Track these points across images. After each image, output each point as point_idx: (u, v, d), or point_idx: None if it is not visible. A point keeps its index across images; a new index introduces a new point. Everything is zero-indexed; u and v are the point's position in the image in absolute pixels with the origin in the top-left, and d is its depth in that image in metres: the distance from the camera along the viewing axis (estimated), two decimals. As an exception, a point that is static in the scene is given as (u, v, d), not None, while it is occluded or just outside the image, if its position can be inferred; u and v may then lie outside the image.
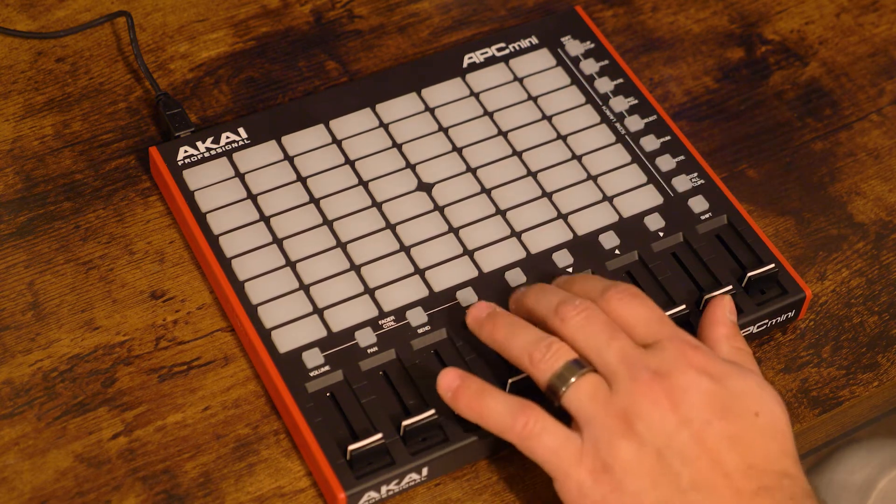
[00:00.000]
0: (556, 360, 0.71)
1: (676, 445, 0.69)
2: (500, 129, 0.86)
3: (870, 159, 0.90)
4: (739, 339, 0.76)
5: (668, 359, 0.71)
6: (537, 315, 0.74)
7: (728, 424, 0.70)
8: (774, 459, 0.70)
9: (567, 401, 0.71)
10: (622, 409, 0.70)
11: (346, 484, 0.72)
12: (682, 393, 0.70)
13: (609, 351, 0.71)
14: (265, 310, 0.78)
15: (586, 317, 0.72)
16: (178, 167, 0.83)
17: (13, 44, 0.90)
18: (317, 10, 0.94)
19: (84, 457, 0.75)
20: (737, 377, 0.72)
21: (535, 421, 0.71)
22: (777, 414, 0.71)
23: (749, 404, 0.71)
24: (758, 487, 0.69)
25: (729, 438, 0.70)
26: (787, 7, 0.96)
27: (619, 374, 0.71)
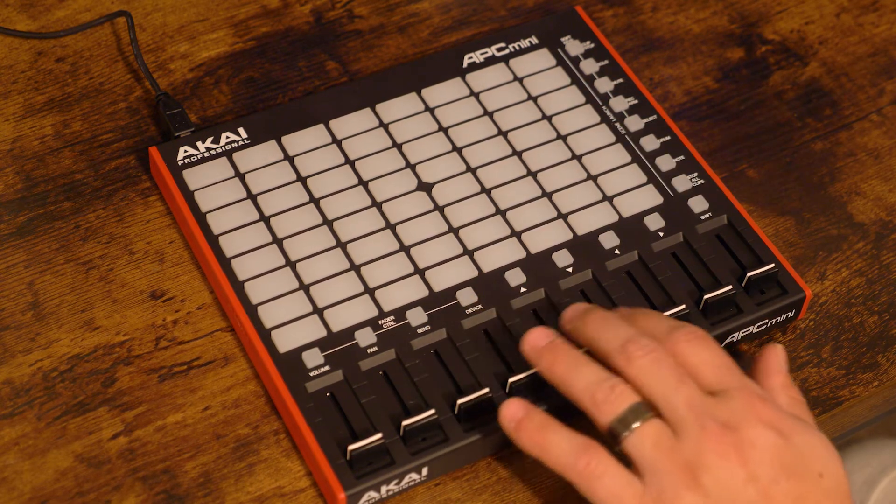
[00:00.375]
0: (620, 403, 0.69)
1: (741, 500, 0.68)
2: (500, 129, 0.86)
3: (870, 159, 0.90)
4: (795, 390, 0.75)
5: (736, 410, 0.69)
6: (600, 348, 0.72)
7: (795, 485, 0.69)
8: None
9: (629, 446, 0.69)
10: (688, 460, 0.68)
11: (346, 484, 0.72)
12: (751, 448, 0.68)
13: (677, 397, 0.69)
14: (265, 310, 0.78)
15: (654, 359, 0.70)
16: (178, 167, 0.83)
17: (13, 44, 0.90)
18: (317, 10, 0.94)
19: (84, 457, 0.75)
20: (803, 434, 0.70)
21: (598, 462, 0.69)
22: (840, 477, 0.70)
23: (814, 465, 0.70)
24: None
25: (794, 499, 0.68)
26: (787, 7, 0.96)
27: (686, 423, 0.69)
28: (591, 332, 0.73)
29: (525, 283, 0.79)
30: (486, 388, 0.75)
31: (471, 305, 0.78)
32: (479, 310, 0.78)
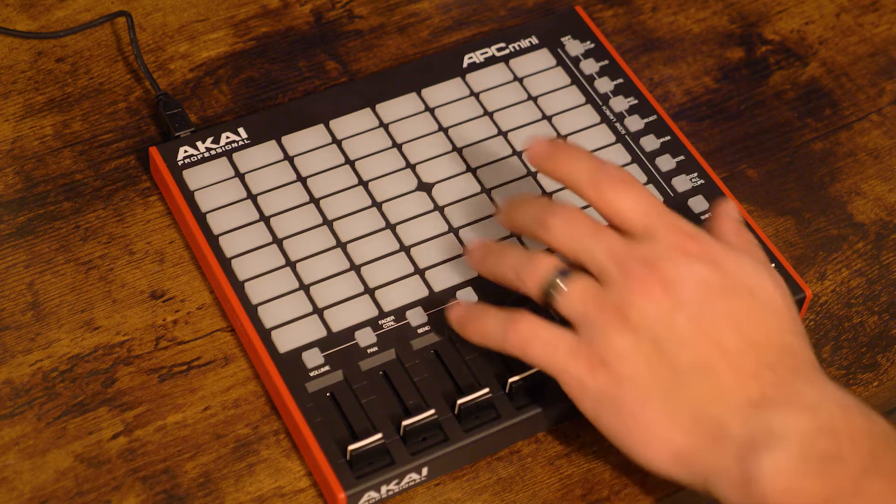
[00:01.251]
0: (544, 271, 0.72)
1: (673, 330, 0.69)
2: (500, 129, 0.86)
3: (870, 159, 0.90)
4: (747, 233, 0.76)
5: (659, 249, 0.71)
6: (525, 228, 0.75)
7: (725, 304, 0.70)
8: (774, 336, 0.70)
9: (561, 307, 0.71)
10: (615, 304, 0.70)
11: (346, 484, 0.72)
12: (676, 280, 0.70)
13: (597, 249, 0.71)
14: (265, 310, 0.78)
15: (568, 219, 0.72)
16: (178, 167, 0.83)
17: (13, 44, 0.90)
18: (317, 10, 0.94)
19: (84, 457, 0.75)
20: (731, 259, 0.71)
21: (527, 326, 0.71)
22: (773, 292, 0.71)
23: (745, 283, 0.71)
24: (759, 364, 0.69)
25: (727, 318, 0.69)
26: (787, 7, 0.96)
27: (609, 271, 0.71)
28: (514, 213, 0.75)
29: None
30: (486, 388, 0.75)
31: (471, 305, 0.79)
32: (479, 310, 0.78)
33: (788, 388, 0.68)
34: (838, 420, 0.67)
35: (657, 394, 0.69)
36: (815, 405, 0.68)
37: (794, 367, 0.69)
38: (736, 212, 0.76)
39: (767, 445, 0.67)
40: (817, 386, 0.69)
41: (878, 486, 0.65)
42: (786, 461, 0.66)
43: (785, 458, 0.66)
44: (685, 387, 0.69)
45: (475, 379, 0.76)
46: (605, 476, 0.76)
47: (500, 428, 0.75)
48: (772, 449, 0.67)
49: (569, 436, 0.77)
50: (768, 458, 0.66)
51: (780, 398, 0.68)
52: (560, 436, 0.77)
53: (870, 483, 0.66)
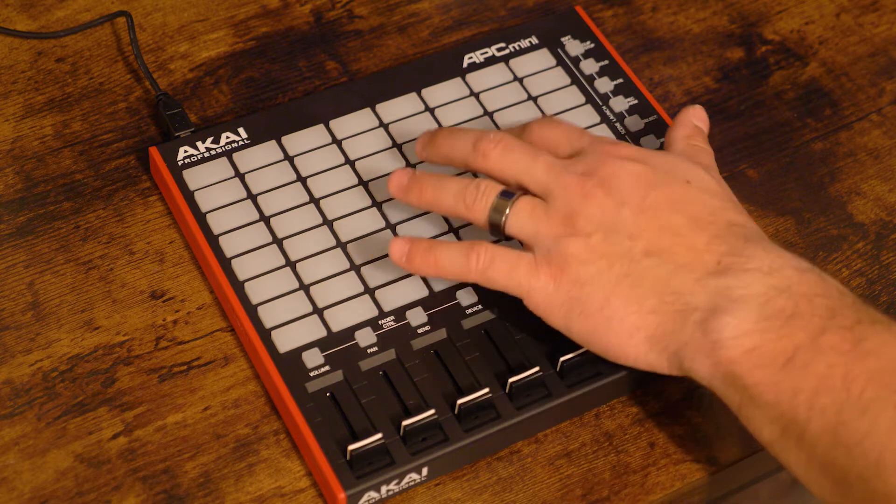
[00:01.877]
0: (489, 197, 0.74)
1: (620, 224, 0.72)
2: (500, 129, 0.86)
3: (870, 159, 0.90)
4: (699, 138, 0.79)
5: (591, 159, 0.75)
6: (457, 160, 0.77)
7: (664, 192, 0.73)
8: (718, 212, 0.73)
9: (510, 229, 0.74)
10: (561, 215, 0.73)
11: (346, 484, 0.72)
12: (612, 180, 0.73)
13: (535, 169, 0.74)
14: (265, 310, 0.78)
15: (505, 146, 0.75)
16: (178, 167, 0.83)
17: (13, 44, 0.90)
18: (317, 10, 0.94)
19: (84, 457, 0.75)
20: (660, 157, 0.75)
21: (485, 252, 0.74)
22: (707, 179, 0.75)
23: (678, 174, 0.74)
24: (709, 237, 0.72)
25: (668, 203, 0.73)
26: (787, 7, 0.96)
27: (550, 186, 0.74)
28: (443, 149, 0.78)
29: None
30: (486, 388, 0.75)
31: (471, 305, 0.78)
32: (479, 310, 0.78)
33: (742, 255, 0.72)
34: (794, 281, 0.70)
35: (620, 285, 0.72)
36: (770, 268, 0.71)
37: (743, 237, 0.73)
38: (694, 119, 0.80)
39: (727, 309, 0.70)
40: (772, 252, 0.72)
41: (835, 339, 0.68)
42: (746, 321, 0.69)
43: (745, 318, 0.69)
44: (644, 272, 0.72)
45: (475, 379, 0.76)
46: (605, 476, 0.76)
47: (500, 428, 0.75)
48: (732, 311, 0.70)
49: (569, 436, 0.77)
50: (730, 320, 0.69)
51: (736, 265, 0.71)
52: (560, 436, 0.77)
53: (828, 337, 0.68)
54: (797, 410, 0.67)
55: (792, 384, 0.68)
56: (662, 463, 0.77)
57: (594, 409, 0.78)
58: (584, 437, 0.77)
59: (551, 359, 0.77)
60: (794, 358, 0.68)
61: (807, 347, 0.68)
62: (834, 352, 0.68)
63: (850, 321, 0.69)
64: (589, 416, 0.78)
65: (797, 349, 0.68)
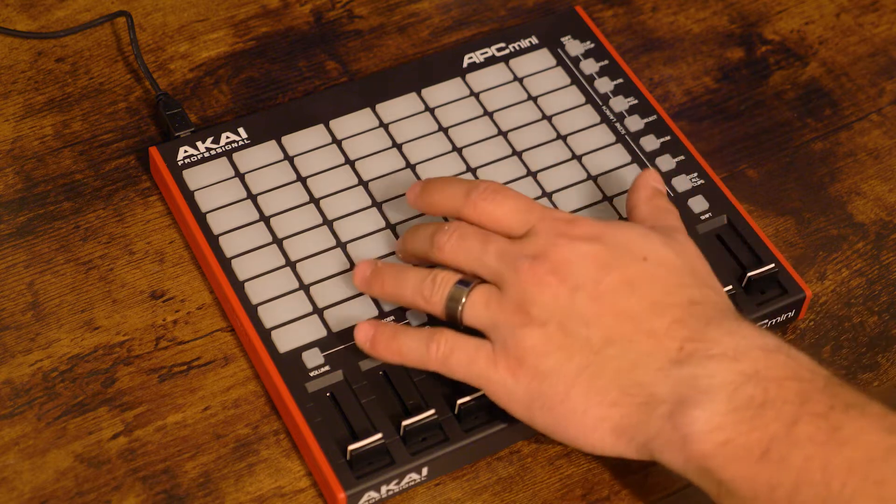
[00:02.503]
0: (445, 287, 0.74)
1: (576, 311, 0.71)
2: (500, 129, 0.86)
3: (870, 159, 0.90)
4: (661, 198, 0.77)
5: (542, 241, 0.73)
6: (419, 255, 0.77)
7: (620, 274, 0.71)
8: (675, 292, 0.71)
9: (467, 319, 0.73)
10: (516, 304, 0.72)
11: (346, 484, 0.72)
12: (565, 265, 0.71)
13: (486, 257, 0.73)
14: (265, 310, 0.78)
15: (459, 235, 0.74)
16: (178, 167, 0.83)
17: (13, 44, 0.90)
18: (317, 10, 0.94)
19: (84, 457, 0.75)
20: (615, 232, 0.73)
21: (445, 342, 0.73)
22: (665, 253, 0.72)
23: (635, 251, 0.72)
24: (670, 322, 0.70)
25: (625, 286, 0.71)
26: (787, 7, 0.96)
27: (502, 273, 0.72)
28: (408, 246, 0.78)
29: None
30: (486, 388, 0.75)
31: (471, 305, 0.78)
32: (479, 310, 0.78)
33: (704, 340, 0.69)
34: (762, 365, 0.68)
35: (580, 377, 0.70)
36: (735, 353, 0.69)
37: (705, 318, 0.70)
38: (651, 181, 0.78)
39: (695, 401, 0.68)
40: (735, 332, 0.70)
41: (810, 429, 0.66)
42: (716, 414, 0.67)
43: (714, 410, 0.67)
44: (604, 362, 0.70)
45: (475, 379, 0.76)
46: (605, 476, 0.76)
47: (500, 428, 0.75)
48: (700, 403, 0.67)
49: (569, 436, 0.77)
50: (699, 414, 0.67)
51: (699, 351, 0.69)
52: (560, 436, 0.77)
53: (803, 427, 0.66)
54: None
55: (769, 479, 0.66)
56: (662, 463, 0.77)
57: (594, 409, 0.78)
58: (584, 437, 0.77)
59: (551, 359, 0.77)
60: (769, 451, 0.66)
61: (781, 439, 0.66)
62: (810, 443, 0.65)
63: (824, 407, 0.66)
64: (589, 416, 0.78)
65: (772, 441, 0.66)
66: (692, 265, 0.73)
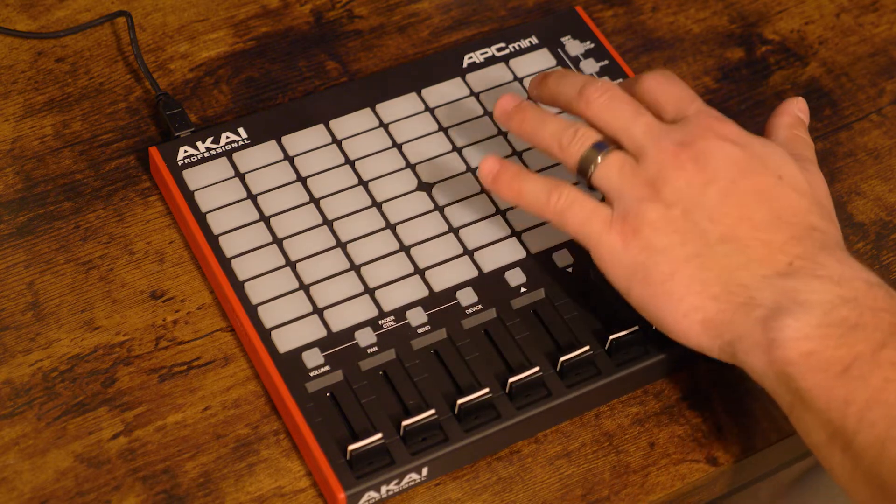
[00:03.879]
0: (584, 143, 0.74)
1: (703, 203, 0.72)
2: (500, 129, 0.86)
3: (870, 159, 0.90)
4: (802, 129, 0.78)
5: (692, 130, 0.73)
6: (561, 100, 0.77)
7: (754, 181, 0.72)
8: (803, 214, 0.73)
9: (597, 179, 0.74)
10: (649, 179, 0.72)
11: (346, 484, 0.72)
12: (707, 157, 0.72)
13: (635, 127, 0.74)
14: (265, 310, 0.78)
15: (610, 97, 0.75)
16: (178, 167, 0.83)
17: (13, 44, 0.90)
18: (317, 10, 0.94)
19: (84, 457, 0.75)
20: (761, 144, 0.74)
21: (567, 196, 0.74)
22: (800, 177, 0.74)
23: (773, 167, 0.73)
24: (787, 237, 0.71)
25: (755, 193, 0.72)
26: (787, 7, 0.96)
27: (645, 148, 0.73)
28: (552, 87, 0.78)
29: (525, 284, 0.79)
30: (486, 388, 0.75)
31: (471, 305, 0.78)
32: (479, 310, 0.78)
33: (815, 261, 0.71)
34: (862, 294, 0.69)
35: (689, 263, 0.71)
36: (840, 278, 0.70)
37: (822, 243, 0.72)
38: (797, 110, 0.79)
39: (791, 311, 0.69)
40: (845, 263, 0.71)
41: (895, 356, 0.67)
42: (808, 325, 0.68)
43: (807, 322, 0.68)
44: (716, 257, 0.71)
45: (475, 379, 0.76)
46: (605, 476, 0.76)
47: (500, 428, 0.75)
48: (795, 313, 0.69)
49: (569, 436, 0.77)
50: (791, 322, 0.69)
51: (807, 269, 0.70)
52: (560, 436, 0.77)
53: (888, 353, 0.67)
54: (847, 420, 0.67)
55: (845, 393, 0.67)
56: (662, 463, 0.77)
57: (594, 409, 0.78)
58: (584, 437, 0.77)
59: (551, 359, 0.77)
60: (851, 367, 0.67)
61: (865, 359, 0.67)
62: (892, 367, 0.67)
63: None
64: (589, 416, 0.78)
65: (855, 359, 0.67)
66: (819, 197, 0.74)
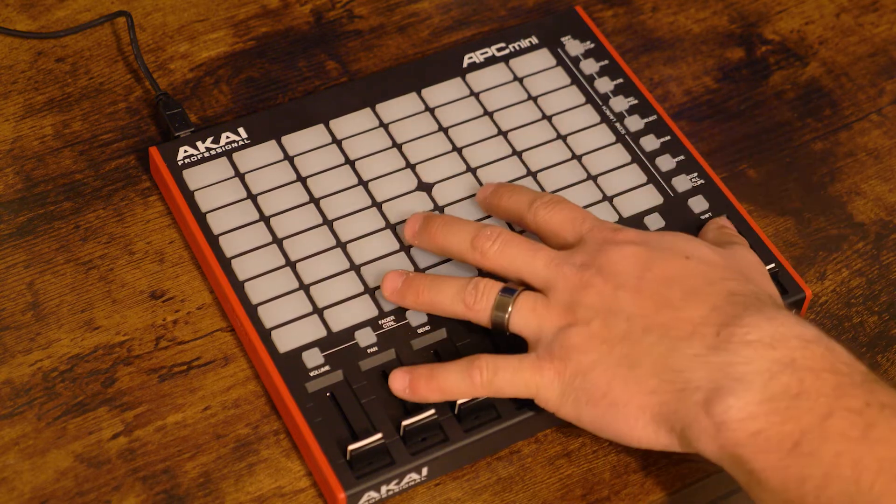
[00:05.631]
0: (489, 296, 0.74)
1: (618, 307, 0.71)
2: (500, 129, 0.86)
3: (870, 159, 0.90)
4: (731, 229, 0.79)
5: (589, 248, 0.74)
6: (452, 254, 0.77)
7: (661, 269, 0.72)
8: (718, 282, 0.72)
9: (514, 326, 0.74)
10: (562, 306, 0.73)
11: (346, 484, 0.72)
12: (610, 266, 0.73)
13: (535, 264, 0.74)
14: (265, 310, 0.78)
15: (504, 241, 0.75)
16: (178, 167, 0.83)
17: (13, 44, 0.90)
18: (317, 10, 0.94)
19: (84, 457, 0.75)
20: (662, 236, 0.75)
21: (486, 367, 0.73)
22: (708, 255, 0.73)
23: (679, 251, 0.73)
24: (708, 309, 0.70)
25: (665, 280, 0.72)
26: (787, 7, 0.96)
27: (550, 280, 0.73)
28: (439, 241, 0.77)
29: None
30: (486, 388, 0.75)
31: (471, 305, 0.78)
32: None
33: (742, 325, 0.69)
34: (799, 354, 0.68)
35: (619, 368, 0.71)
36: (772, 340, 0.68)
37: (743, 305, 0.70)
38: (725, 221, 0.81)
39: (730, 389, 0.68)
40: (774, 319, 0.69)
41: (843, 424, 0.66)
42: (750, 403, 0.67)
43: (748, 399, 0.67)
44: (643, 351, 0.70)
45: (475, 379, 0.76)
46: (605, 476, 0.76)
47: (500, 428, 0.75)
48: (735, 392, 0.67)
49: (569, 436, 0.77)
50: (733, 402, 0.67)
51: (736, 336, 0.69)
52: (560, 436, 0.77)
53: (835, 422, 0.66)
54: (805, 499, 0.65)
55: (799, 471, 0.65)
56: (662, 463, 0.77)
57: (594, 409, 0.78)
58: (584, 437, 0.77)
59: (551, 359, 0.77)
60: (800, 443, 0.66)
61: (814, 432, 0.66)
62: (842, 438, 0.65)
63: (859, 403, 0.66)
64: (589, 416, 0.78)
65: (804, 433, 0.66)
66: (738, 265, 0.74)
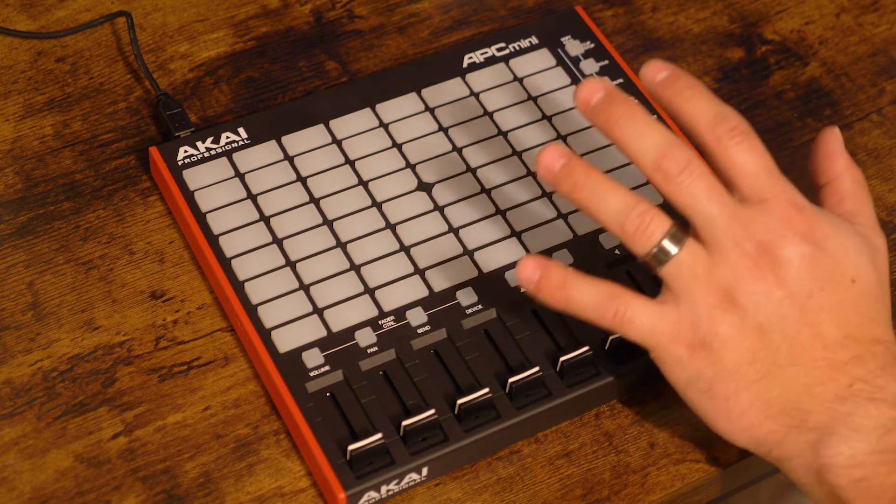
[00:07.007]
0: (653, 233, 0.69)
1: (778, 318, 0.69)
2: (500, 129, 0.86)
3: (870, 159, 0.90)
4: (857, 170, 0.76)
5: (772, 225, 0.70)
6: (631, 155, 0.70)
7: (828, 295, 0.70)
8: (867, 327, 0.71)
9: (666, 274, 0.70)
10: (724, 284, 0.69)
11: (346, 484, 0.72)
12: (786, 267, 0.69)
13: (714, 218, 0.69)
14: (265, 310, 0.78)
15: (694, 176, 0.69)
16: (178, 167, 0.83)
17: (13, 44, 0.90)
18: (317, 10, 0.94)
19: (84, 457, 0.75)
20: (836, 238, 0.71)
21: (626, 307, 0.70)
22: (871, 280, 0.71)
23: (847, 271, 0.71)
24: (851, 357, 0.70)
25: (828, 310, 0.70)
26: (787, 7, 0.96)
27: (722, 246, 0.69)
28: (620, 134, 0.70)
29: None
30: (486, 388, 0.75)
31: (471, 305, 0.78)
32: (479, 310, 0.78)
33: (874, 383, 0.69)
34: None
35: (753, 384, 0.70)
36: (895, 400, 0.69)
37: (882, 361, 0.70)
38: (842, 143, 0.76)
39: (844, 437, 0.68)
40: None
41: None
42: (860, 452, 0.68)
43: (860, 449, 0.68)
44: (781, 379, 0.69)
45: (475, 379, 0.76)
46: (605, 476, 0.76)
47: (500, 428, 0.75)
48: (848, 440, 0.68)
49: (569, 436, 0.77)
50: (844, 449, 0.68)
51: (864, 392, 0.69)
52: (560, 436, 0.77)
53: None
54: None
55: None
56: (662, 463, 0.77)
57: (594, 409, 0.78)
58: (584, 437, 0.77)
59: (551, 359, 0.77)
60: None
61: None
62: None
63: None
64: (589, 416, 0.78)
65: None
66: (884, 290, 0.72)
